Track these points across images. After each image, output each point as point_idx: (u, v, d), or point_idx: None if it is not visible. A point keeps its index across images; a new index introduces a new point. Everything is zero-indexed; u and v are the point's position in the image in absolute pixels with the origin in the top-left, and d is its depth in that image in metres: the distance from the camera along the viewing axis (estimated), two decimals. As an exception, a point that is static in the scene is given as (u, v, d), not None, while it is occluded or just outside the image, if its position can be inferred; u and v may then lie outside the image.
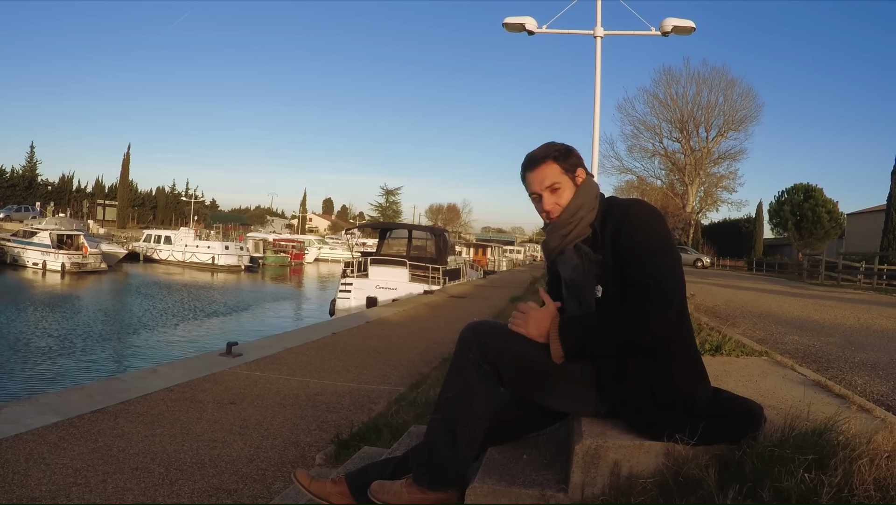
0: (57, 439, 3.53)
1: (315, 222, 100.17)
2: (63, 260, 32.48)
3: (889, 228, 27.77)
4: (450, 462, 1.90)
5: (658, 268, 1.79)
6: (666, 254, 1.82)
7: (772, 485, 1.57)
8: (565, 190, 1.97)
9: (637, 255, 1.80)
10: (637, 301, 1.77)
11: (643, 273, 1.78)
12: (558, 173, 1.97)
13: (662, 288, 1.77)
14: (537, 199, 2.00)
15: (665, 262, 1.81)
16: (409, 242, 21.84)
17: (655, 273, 1.78)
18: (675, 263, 1.84)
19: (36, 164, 62.77)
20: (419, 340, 8.24)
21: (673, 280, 1.80)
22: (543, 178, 1.97)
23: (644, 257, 1.79)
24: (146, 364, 10.76)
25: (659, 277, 1.78)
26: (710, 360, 3.56)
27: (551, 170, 1.97)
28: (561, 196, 1.96)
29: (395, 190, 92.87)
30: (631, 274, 1.80)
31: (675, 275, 1.82)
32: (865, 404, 2.49)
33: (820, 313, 9.20)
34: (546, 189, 1.97)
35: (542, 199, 1.98)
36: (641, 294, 1.76)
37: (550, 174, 1.97)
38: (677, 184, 48.80)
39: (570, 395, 1.94)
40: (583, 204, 1.94)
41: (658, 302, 1.75)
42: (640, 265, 1.79)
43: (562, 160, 1.98)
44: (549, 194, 1.97)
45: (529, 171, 2.01)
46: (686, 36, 10.43)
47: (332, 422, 4.24)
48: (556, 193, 1.97)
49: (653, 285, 1.76)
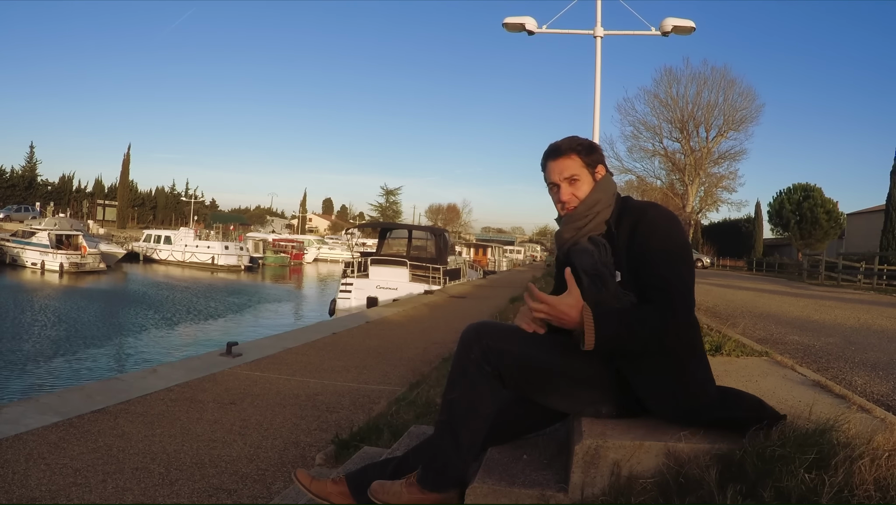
0: (57, 439, 3.53)
1: (315, 222, 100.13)
2: (61, 260, 32.47)
3: (889, 228, 27.75)
4: (451, 464, 1.90)
5: (679, 272, 1.81)
6: (685, 259, 1.85)
7: (772, 485, 1.57)
8: (584, 183, 1.97)
9: (657, 258, 1.81)
10: (665, 304, 1.78)
11: (665, 277, 1.80)
12: (579, 166, 1.98)
13: (686, 294, 1.81)
14: (555, 189, 2.01)
15: (685, 267, 1.84)
16: (409, 243, 21.84)
17: (678, 277, 1.80)
18: (692, 269, 1.87)
19: (36, 164, 62.76)
20: (419, 340, 8.24)
21: (692, 285, 1.84)
22: (564, 169, 1.98)
23: (665, 261, 1.81)
24: (146, 364, 10.77)
25: (683, 282, 1.81)
26: (710, 360, 3.52)
27: (573, 162, 1.98)
28: (579, 189, 1.97)
29: (395, 190, 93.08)
30: (652, 278, 1.81)
31: (693, 282, 1.85)
32: (865, 404, 2.48)
33: (820, 313, 9.20)
34: (565, 180, 1.98)
35: (559, 190, 1.99)
36: (668, 298, 1.78)
37: (571, 166, 1.98)
38: (677, 184, 48.77)
39: (571, 395, 1.95)
40: (600, 199, 1.95)
41: (685, 308, 1.79)
42: (661, 269, 1.80)
43: (584, 154, 1.99)
44: (568, 185, 1.98)
45: (551, 159, 2.01)
46: (686, 36, 10.43)
47: (332, 422, 4.24)
48: (575, 185, 1.97)
49: (679, 289, 1.79)
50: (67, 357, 12.61)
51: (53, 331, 15.60)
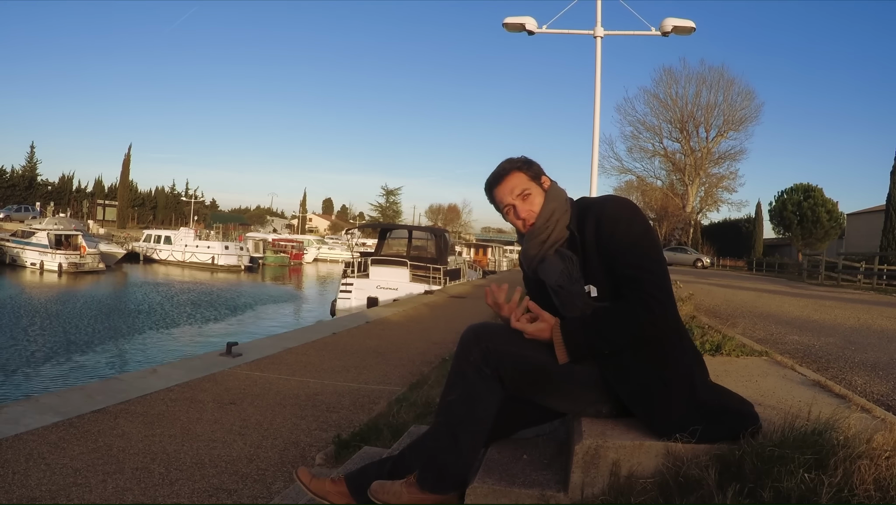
0: (57, 439, 3.53)
1: (315, 222, 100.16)
2: (60, 260, 32.48)
3: (889, 228, 27.74)
4: (451, 466, 1.90)
5: (647, 260, 1.82)
6: (651, 245, 1.85)
7: (772, 485, 1.57)
8: (536, 196, 1.98)
9: (623, 250, 1.82)
10: (636, 297, 1.79)
11: (633, 267, 1.81)
12: (525, 181, 1.99)
13: (657, 280, 1.81)
14: (510, 210, 2.01)
15: (651, 253, 1.84)
16: (409, 243, 21.84)
17: (647, 266, 1.81)
18: (660, 251, 1.88)
19: (36, 164, 62.68)
20: (419, 340, 8.24)
21: (662, 270, 1.85)
22: (513, 188, 1.99)
23: (630, 251, 1.82)
24: (146, 364, 10.76)
25: (651, 270, 1.81)
26: (710, 360, 3.56)
27: (518, 179, 1.99)
28: (533, 202, 1.98)
29: (396, 190, 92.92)
30: (621, 270, 1.82)
31: (663, 264, 1.87)
32: (865, 404, 2.48)
33: (820, 313, 9.19)
34: (518, 197, 1.99)
35: (515, 209, 1.99)
36: (639, 289, 1.79)
37: (518, 183, 1.99)
38: (677, 184, 48.83)
39: (572, 396, 1.95)
40: (555, 207, 1.96)
41: (658, 295, 1.79)
42: (628, 259, 1.81)
43: (525, 169, 2.01)
44: (522, 202, 1.99)
45: (497, 185, 2.02)
46: (686, 36, 10.43)
47: (332, 422, 4.24)
48: (528, 200, 1.98)
49: (648, 279, 1.80)
50: (67, 357, 12.60)
51: (53, 331, 15.59)
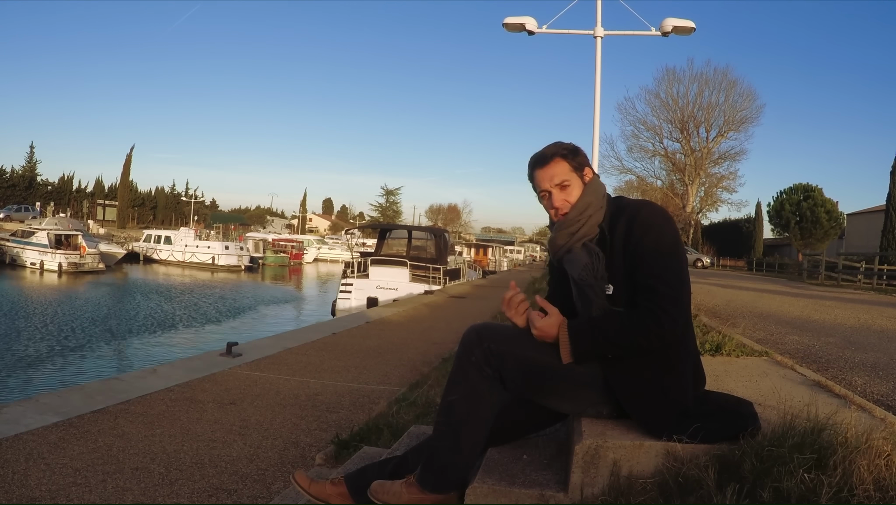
0: (57, 439, 3.53)
1: (315, 222, 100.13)
2: (60, 260, 32.47)
3: (889, 228, 27.74)
4: (452, 466, 1.90)
5: (669, 272, 1.81)
6: (676, 257, 1.84)
7: (771, 485, 1.57)
8: (574, 188, 1.97)
9: (648, 258, 1.81)
10: (649, 307, 1.78)
11: (654, 277, 1.79)
12: (567, 171, 1.98)
13: (673, 294, 1.79)
14: (546, 196, 2.01)
15: (675, 265, 1.82)
16: (409, 243, 21.83)
17: (666, 278, 1.80)
18: (685, 265, 1.86)
19: (36, 164, 62.67)
20: (419, 340, 8.24)
21: (682, 284, 1.83)
22: (553, 175, 1.98)
23: (655, 261, 1.81)
24: (146, 364, 10.75)
25: (670, 283, 1.80)
26: (710, 360, 3.57)
27: (560, 167, 1.98)
28: (570, 193, 1.97)
29: (396, 190, 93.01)
30: (641, 277, 1.81)
31: (684, 278, 1.84)
32: (865, 404, 2.49)
33: (820, 313, 9.19)
34: (556, 186, 1.98)
35: (551, 197, 1.99)
36: (653, 300, 1.78)
37: (560, 172, 1.98)
38: (677, 184, 48.79)
39: (573, 397, 1.95)
40: (591, 202, 1.95)
41: (672, 311, 1.78)
42: (650, 269, 1.80)
43: (570, 158, 1.99)
44: (559, 191, 1.98)
45: (538, 168, 2.01)
46: (686, 36, 10.43)
47: (332, 422, 4.24)
48: (566, 191, 1.97)
49: (664, 291, 1.78)
50: (67, 357, 12.60)
51: (52, 331, 15.57)
